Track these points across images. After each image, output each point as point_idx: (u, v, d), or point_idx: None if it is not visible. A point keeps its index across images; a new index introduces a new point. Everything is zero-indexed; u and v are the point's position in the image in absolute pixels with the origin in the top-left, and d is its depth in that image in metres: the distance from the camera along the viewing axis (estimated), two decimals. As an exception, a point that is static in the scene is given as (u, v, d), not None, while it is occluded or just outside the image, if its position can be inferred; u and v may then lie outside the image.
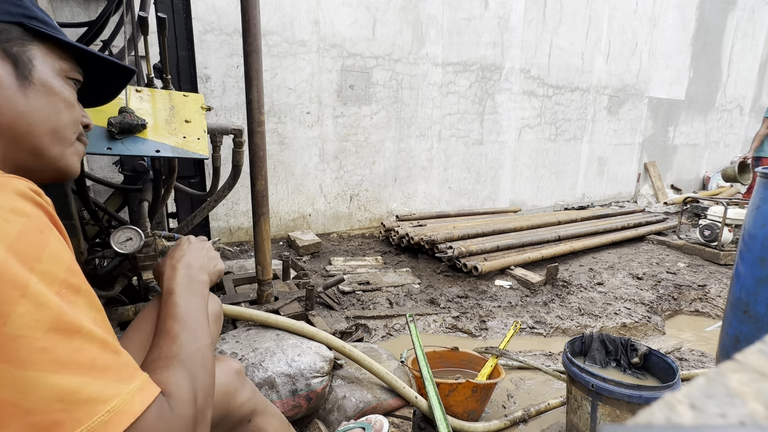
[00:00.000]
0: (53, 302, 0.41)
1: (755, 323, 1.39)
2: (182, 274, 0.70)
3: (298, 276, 2.30)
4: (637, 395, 1.12)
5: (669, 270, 3.12)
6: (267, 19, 3.21)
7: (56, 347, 0.40)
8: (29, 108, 0.54)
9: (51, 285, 0.41)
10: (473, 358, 1.64)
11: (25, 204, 0.43)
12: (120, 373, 0.44)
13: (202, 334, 0.63)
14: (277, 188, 3.55)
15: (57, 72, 0.58)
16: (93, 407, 0.40)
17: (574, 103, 5.06)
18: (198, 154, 1.15)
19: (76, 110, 0.62)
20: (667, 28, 5.59)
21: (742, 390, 0.19)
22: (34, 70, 0.55)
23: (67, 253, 0.45)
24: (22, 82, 0.54)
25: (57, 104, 0.58)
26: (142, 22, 1.20)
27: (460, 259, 2.85)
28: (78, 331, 0.42)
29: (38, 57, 0.56)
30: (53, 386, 0.39)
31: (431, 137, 4.17)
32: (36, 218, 0.43)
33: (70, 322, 0.42)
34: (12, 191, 0.42)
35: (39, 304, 0.40)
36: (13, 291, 0.38)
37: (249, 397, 0.81)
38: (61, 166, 0.60)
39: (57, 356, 0.40)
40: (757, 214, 1.40)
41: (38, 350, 0.39)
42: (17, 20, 0.54)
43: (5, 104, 0.52)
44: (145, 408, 0.44)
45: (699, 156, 6.71)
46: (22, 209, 0.42)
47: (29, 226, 0.42)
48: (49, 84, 0.56)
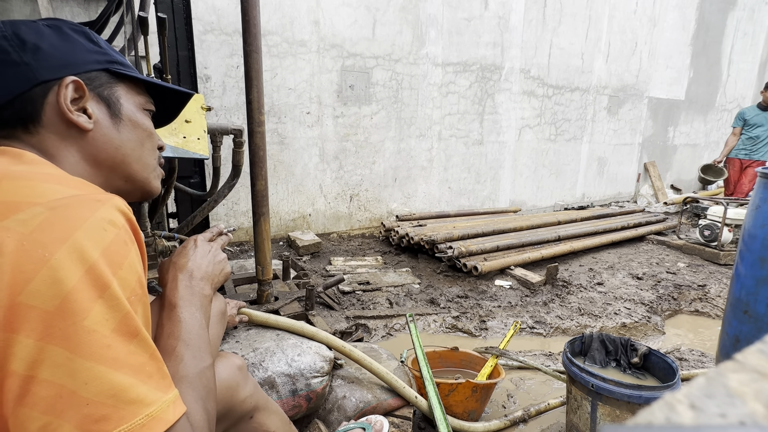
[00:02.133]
0: (124, 306, 0.46)
1: (755, 323, 1.39)
2: (184, 286, 0.70)
3: (298, 276, 2.30)
4: (637, 395, 1.12)
5: (669, 270, 3.12)
6: (267, 19, 3.21)
7: (118, 347, 0.44)
8: (121, 141, 0.63)
9: (125, 290, 0.47)
10: (473, 358, 1.64)
11: (120, 218, 0.50)
12: (161, 382, 0.48)
13: (205, 353, 0.63)
14: (277, 188, 3.55)
15: (138, 107, 0.66)
16: (137, 408, 0.44)
17: (574, 103, 5.06)
18: (198, 154, 1.15)
19: (155, 138, 0.70)
20: (667, 28, 5.59)
21: (742, 390, 0.19)
22: (122, 108, 0.63)
23: (139, 266, 0.51)
24: (115, 120, 0.62)
25: (141, 135, 0.66)
26: (142, 22, 1.20)
27: (460, 259, 2.85)
28: (136, 336, 0.47)
29: (123, 96, 0.64)
30: (111, 382, 0.43)
31: (431, 137, 4.17)
32: (125, 231, 0.50)
33: (132, 326, 0.47)
34: (112, 206, 0.50)
35: (112, 306, 0.45)
36: (96, 290, 0.44)
37: (251, 393, 0.82)
38: (149, 189, 0.69)
39: (118, 355, 0.44)
40: (757, 214, 1.40)
41: (104, 346, 0.43)
42: (104, 67, 0.61)
43: (106, 140, 0.61)
44: (176, 420, 0.48)
45: (699, 156, 6.71)
46: (117, 222, 0.49)
47: (120, 237, 0.49)
48: (134, 119, 0.65)
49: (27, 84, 0.55)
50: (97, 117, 0.60)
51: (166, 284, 0.71)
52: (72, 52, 0.59)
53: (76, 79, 0.57)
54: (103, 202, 0.49)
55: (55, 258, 0.42)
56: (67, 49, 0.58)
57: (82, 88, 0.58)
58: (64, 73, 0.57)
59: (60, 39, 0.58)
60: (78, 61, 0.59)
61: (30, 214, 0.44)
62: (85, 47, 0.60)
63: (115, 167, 0.63)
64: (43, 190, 0.47)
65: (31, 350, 0.40)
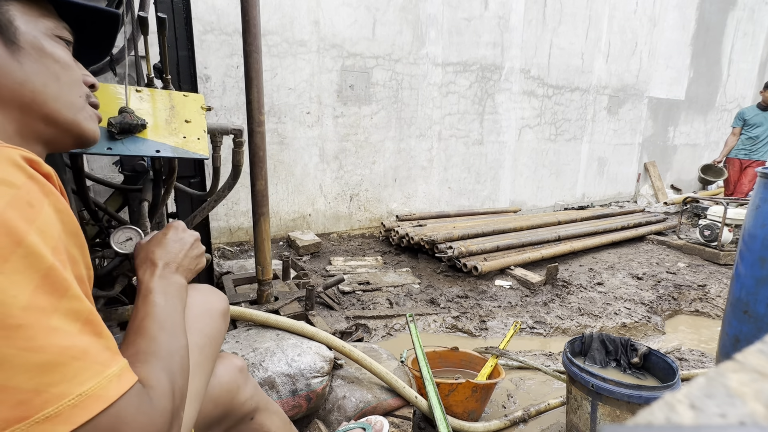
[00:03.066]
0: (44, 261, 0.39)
1: (755, 323, 1.39)
2: (159, 276, 0.65)
3: (298, 276, 2.30)
4: (637, 395, 1.12)
5: (669, 270, 3.12)
6: (267, 19, 3.21)
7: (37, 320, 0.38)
8: (26, 74, 0.51)
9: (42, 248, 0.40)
10: (473, 358, 1.64)
11: (18, 175, 0.41)
12: (99, 356, 0.42)
13: (180, 334, 0.59)
14: (277, 188, 3.55)
15: (44, 32, 0.54)
16: (67, 388, 0.39)
17: (574, 103, 5.06)
18: (198, 154, 1.15)
19: (75, 71, 0.58)
20: (667, 28, 5.59)
21: (742, 390, 0.19)
22: (18, 33, 0.51)
23: (56, 229, 0.43)
24: (11, 47, 0.50)
25: (53, 66, 0.54)
26: (142, 22, 1.19)
27: (460, 259, 2.85)
28: (65, 294, 0.41)
29: (18, 17, 0.51)
30: (26, 364, 0.37)
31: (431, 137, 4.17)
32: (27, 190, 0.41)
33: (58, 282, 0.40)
34: (3, 161, 0.40)
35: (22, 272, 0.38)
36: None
37: (252, 395, 0.81)
38: (80, 132, 0.58)
39: (35, 332, 0.38)
40: (757, 214, 1.40)
41: (14, 327, 0.37)
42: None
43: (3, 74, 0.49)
44: (121, 395, 0.42)
45: (699, 156, 6.71)
46: (14, 180, 0.40)
47: (19, 198, 0.40)
48: (39, 45, 0.53)
49: None
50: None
51: (141, 270, 0.67)
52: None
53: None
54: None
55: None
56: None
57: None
58: None
59: None
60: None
61: None
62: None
63: (25, 107, 0.51)
64: None
65: None
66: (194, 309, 0.73)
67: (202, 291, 0.79)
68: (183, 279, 0.70)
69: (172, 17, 1.70)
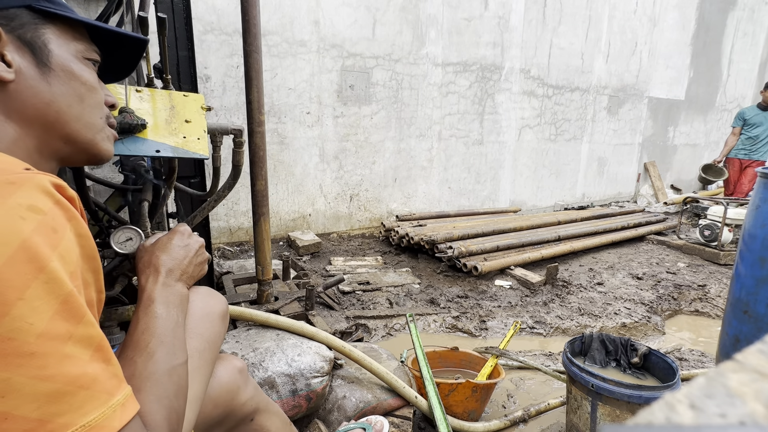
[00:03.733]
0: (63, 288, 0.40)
1: (755, 323, 1.39)
2: (162, 284, 0.65)
3: (298, 276, 2.30)
4: (637, 395, 1.12)
5: (669, 270, 3.12)
6: (267, 19, 3.21)
7: (48, 349, 0.38)
8: (53, 95, 0.53)
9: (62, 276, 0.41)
10: (473, 358, 1.64)
11: (45, 201, 0.42)
12: (107, 383, 0.42)
13: (179, 351, 0.59)
14: (277, 188, 3.55)
15: (74, 54, 0.56)
16: (72, 418, 0.39)
17: (574, 103, 5.06)
18: (198, 154, 1.15)
19: (99, 93, 0.60)
20: (667, 28, 5.59)
21: (742, 390, 0.19)
22: (51, 55, 0.53)
23: (75, 255, 0.44)
24: (42, 69, 0.52)
25: (79, 88, 0.56)
26: (142, 22, 1.19)
27: (460, 259, 2.85)
28: (81, 319, 0.41)
29: (53, 40, 0.54)
30: (35, 393, 0.37)
31: (431, 137, 4.17)
32: (52, 217, 0.42)
33: (74, 309, 0.41)
34: (33, 188, 0.42)
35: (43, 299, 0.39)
36: (16, 290, 0.37)
37: (252, 396, 0.81)
38: (95, 152, 0.60)
39: (47, 361, 0.38)
40: (757, 214, 1.40)
41: (26, 355, 0.37)
42: (25, 3, 0.51)
43: (31, 94, 0.51)
44: (123, 425, 0.43)
45: (699, 156, 6.71)
46: (40, 207, 0.41)
47: (45, 224, 0.41)
48: (68, 68, 0.55)
49: None
50: (18, 65, 0.50)
51: (143, 275, 0.66)
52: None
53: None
54: (19, 185, 0.41)
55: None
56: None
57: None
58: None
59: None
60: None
61: None
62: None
63: (48, 126, 0.53)
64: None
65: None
66: (194, 313, 0.72)
67: (202, 294, 0.78)
68: (185, 288, 0.70)
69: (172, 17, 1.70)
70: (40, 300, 0.38)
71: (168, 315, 0.61)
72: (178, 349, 0.59)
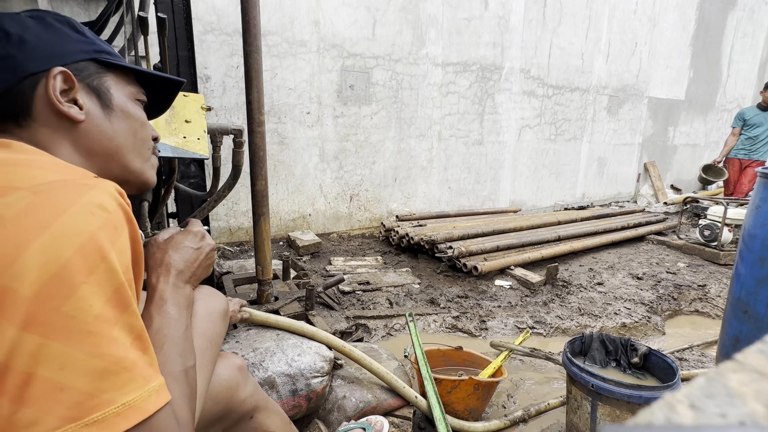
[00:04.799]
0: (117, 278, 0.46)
1: (755, 323, 1.39)
2: (173, 285, 0.66)
3: (298, 276, 2.30)
4: (637, 395, 1.12)
5: (669, 270, 3.12)
6: (267, 19, 3.21)
7: (101, 330, 0.43)
8: (114, 132, 0.62)
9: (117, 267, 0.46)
10: (476, 358, 1.64)
11: (111, 203, 0.49)
12: (145, 370, 0.46)
13: (190, 353, 0.61)
14: (277, 188, 3.55)
15: (129, 96, 0.66)
16: (114, 396, 0.43)
17: (574, 103, 5.06)
18: (198, 154, 1.15)
19: (148, 128, 0.69)
20: (667, 28, 5.59)
21: (742, 390, 0.19)
22: (113, 99, 0.63)
23: (128, 253, 0.49)
24: (106, 110, 0.62)
25: (134, 125, 0.65)
26: (142, 22, 1.20)
27: (460, 259, 2.85)
28: (127, 309, 0.46)
29: (113, 86, 0.63)
30: (88, 367, 0.41)
31: (431, 137, 4.17)
32: (116, 216, 0.48)
33: (124, 298, 0.46)
34: (103, 190, 0.49)
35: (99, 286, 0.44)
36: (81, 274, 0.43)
37: (251, 394, 0.81)
38: (144, 180, 0.69)
39: (99, 340, 0.43)
40: (757, 214, 1.40)
41: (84, 333, 0.42)
42: (92, 56, 0.61)
43: (98, 132, 0.61)
44: (157, 410, 0.46)
45: (699, 156, 6.71)
46: (107, 206, 0.48)
47: (109, 221, 0.47)
48: (126, 109, 0.64)
49: (15, 77, 0.54)
50: (88, 108, 0.59)
51: (154, 273, 0.67)
52: (58, 43, 0.58)
53: (63, 69, 0.56)
54: (92, 186, 0.48)
55: (38, 242, 0.41)
56: (52, 39, 0.57)
57: (71, 79, 0.57)
58: (52, 64, 0.56)
59: (45, 30, 0.57)
60: (64, 51, 0.58)
61: (14, 199, 0.43)
62: (70, 37, 0.60)
63: (108, 158, 0.62)
64: (28, 175, 0.46)
65: (9, 337, 0.39)
66: (197, 312, 0.73)
67: (203, 293, 0.79)
68: (192, 290, 0.71)
69: (172, 17, 1.70)
70: (99, 285, 0.44)
71: (179, 317, 0.63)
72: (189, 352, 0.62)
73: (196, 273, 0.72)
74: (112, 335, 0.44)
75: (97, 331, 0.43)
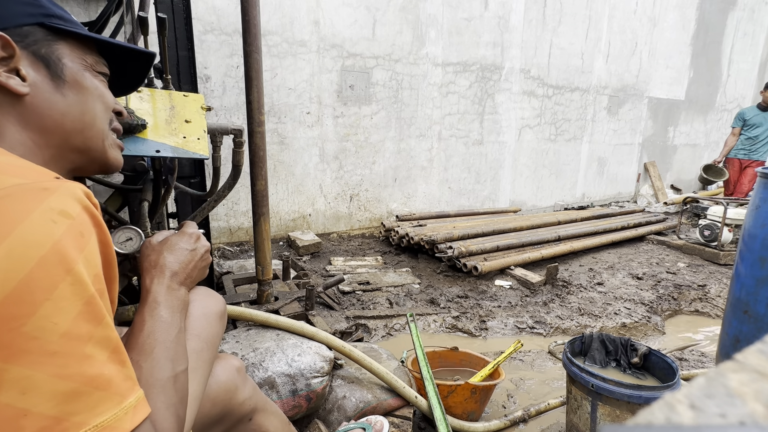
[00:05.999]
0: (85, 293, 0.42)
1: (755, 323, 1.39)
2: (168, 286, 0.65)
3: (298, 276, 2.30)
4: (637, 395, 1.12)
5: (669, 270, 3.12)
6: (267, 19, 3.21)
7: (69, 349, 0.40)
8: (68, 106, 0.56)
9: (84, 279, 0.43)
10: (473, 358, 1.64)
11: (75, 207, 0.44)
12: (121, 385, 0.44)
13: (182, 357, 0.60)
14: (277, 188, 3.55)
15: (85, 67, 0.59)
16: (85, 418, 0.40)
17: (574, 103, 5.06)
18: (198, 154, 1.15)
19: (108, 102, 0.63)
20: (667, 28, 5.59)
21: (742, 390, 0.19)
22: (65, 69, 0.56)
23: (98, 260, 0.46)
24: (57, 82, 0.55)
25: (91, 99, 0.59)
26: (142, 22, 1.19)
27: (460, 259, 2.85)
28: (100, 323, 0.43)
29: (66, 55, 0.57)
30: (53, 391, 0.38)
31: (431, 137, 4.17)
32: (80, 222, 0.44)
33: (95, 312, 0.43)
34: (65, 194, 0.44)
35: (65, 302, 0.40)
36: (44, 291, 0.39)
37: (250, 395, 0.81)
38: (106, 160, 0.63)
39: (67, 360, 0.39)
40: (757, 214, 1.40)
41: (49, 353, 0.38)
42: (38, 21, 0.54)
43: (47, 106, 0.54)
44: (134, 427, 0.44)
45: (699, 156, 6.71)
46: (70, 212, 0.44)
47: (73, 228, 0.43)
48: (81, 80, 0.58)
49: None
50: (33, 79, 0.53)
51: (148, 275, 0.65)
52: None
53: (1, 34, 0.49)
54: (53, 191, 0.43)
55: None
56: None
57: (11, 45, 0.50)
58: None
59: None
60: (4, 14, 0.51)
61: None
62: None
63: (65, 136, 0.56)
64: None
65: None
66: (192, 313, 0.72)
67: (200, 294, 0.78)
68: (187, 292, 0.70)
69: (172, 17, 1.70)
70: (65, 301, 0.40)
71: (172, 320, 0.62)
72: (180, 356, 0.60)
73: (191, 275, 0.71)
74: (85, 352, 0.41)
75: (64, 351, 0.39)
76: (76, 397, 0.40)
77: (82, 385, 0.40)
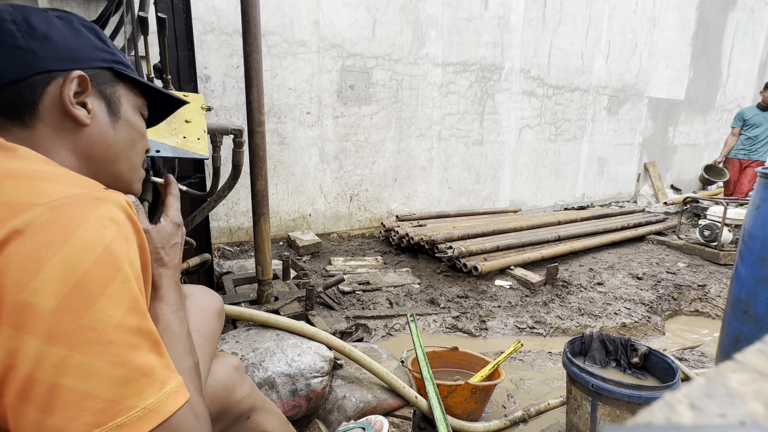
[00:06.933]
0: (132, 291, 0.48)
1: (755, 323, 1.39)
2: (175, 282, 0.69)
3: (298, 276, 2.30)
4: (637, 395, 1.12)
5: (669, 270, 3.12)
6: (267, 19, 3.21)
7: (121, 340, 0.45)
8: (116, 140, 0.64)
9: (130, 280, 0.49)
10: (473, 358, 1.64)
11: (120, 215, 0.51)
12: (163, 372, 0.49)
13: (194, 350, 0.64)
14: (277, 188, 3.55)
15: (135, 108, 0.68)
16: (135, 401, 0.45)
17: (574, 103, 5.06)
18: (198, 154, 1.15)
19: (145, 140, 0.71)
20: (667, 28, 5.59)
21: (742, 390, 0.19)
22: (121, 108, 0.65)
23: (138, 262, 0.52)
24: (113, 118, 0.64)
25: (135, 137, 0.68)
26: (142, 22, 1.20)
27: (460, 259, 2.85)
28: (144, 318, 0.49)
29: (124, 96, 0.66)
30: (110, 376, 0.44)
31: (431, 137, 4.17)
32: (126, 227, 0.51)
33: (140, 309, 0.48)
34: (112, 203, 0.51)
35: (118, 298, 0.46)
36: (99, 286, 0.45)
37: (248, 393, 0.82)
38: (129, 190, 0.70)
39: (119, 349, 0.45)
40: (757, 214, 1.40)
41: (105, 342, 0.44)
42: (110, 66, 0.63)
43: (99, 138, 0.62)
44: (176, 410, 0.48)
45: (699, 156, 6.71)
46: (117, 219, 0.50)
47: (120, 233, 0.49)
48: (131, 120, 0.67)
49: (29, 70, 0.55)
50: (95, 113, 0.61)
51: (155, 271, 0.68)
52: (81, 47, 0.60)
53: (82, 74, 0.58)
54: (103, 200, 0.50)
55: (57, 257, 0.43)
56: (76, 43, 0.59)
57: (86, 83, 0.58)
58: (71, 66, 0.57)
59: (70, 33, 0.59)
60: (86, 56, 0.60)
61: (33, 215, 0.44)
62: (94, 44, 0.62)
63: (104, 164, 0.63)
64: (43, 190, 0.47)
65: (33, 350, 0.41)
66: (190, 309, 0.75)
67: (198, 292, 0.81)
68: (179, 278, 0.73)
69: (172, 17, 1.70)
70: (116, 296, 0.46)
71: (182, 314, 0.66)
72: (193, 348, 0.65)
73: (179, 264, 0.74)
74: (133, 343, 0.46)
75: (117, 341, 0.45)
76: (127, 383, 0.45)
77: (131, 372, 0.45)
